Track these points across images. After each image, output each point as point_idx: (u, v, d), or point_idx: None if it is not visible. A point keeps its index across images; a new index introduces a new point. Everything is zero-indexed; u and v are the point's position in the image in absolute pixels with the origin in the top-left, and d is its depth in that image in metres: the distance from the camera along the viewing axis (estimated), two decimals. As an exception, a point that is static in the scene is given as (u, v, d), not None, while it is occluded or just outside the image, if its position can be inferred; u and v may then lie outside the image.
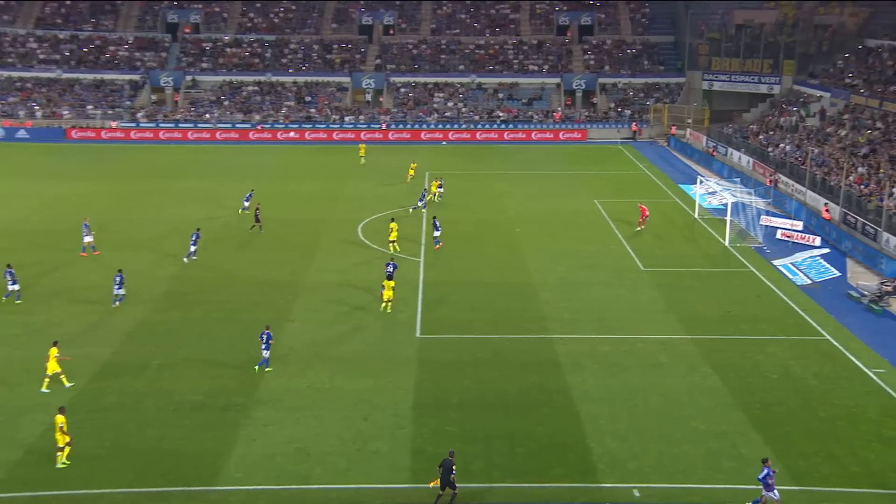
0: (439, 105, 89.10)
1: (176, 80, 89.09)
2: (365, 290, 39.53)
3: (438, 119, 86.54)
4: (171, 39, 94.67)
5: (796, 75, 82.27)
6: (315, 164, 71.18)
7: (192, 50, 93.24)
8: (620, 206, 55.91)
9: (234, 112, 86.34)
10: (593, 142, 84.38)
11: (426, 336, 34.30)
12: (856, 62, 74.95)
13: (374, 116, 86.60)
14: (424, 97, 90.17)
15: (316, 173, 66.90)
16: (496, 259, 44.61)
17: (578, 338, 34.17)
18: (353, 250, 45.96)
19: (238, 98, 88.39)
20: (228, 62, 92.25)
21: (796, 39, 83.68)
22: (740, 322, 35.99)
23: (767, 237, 48.91)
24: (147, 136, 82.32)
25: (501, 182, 63.84)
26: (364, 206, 55.72)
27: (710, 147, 75.17)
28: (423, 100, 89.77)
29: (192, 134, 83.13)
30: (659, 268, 43.42)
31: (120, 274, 37.49)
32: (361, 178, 64.74)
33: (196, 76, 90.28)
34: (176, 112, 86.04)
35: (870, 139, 59.84)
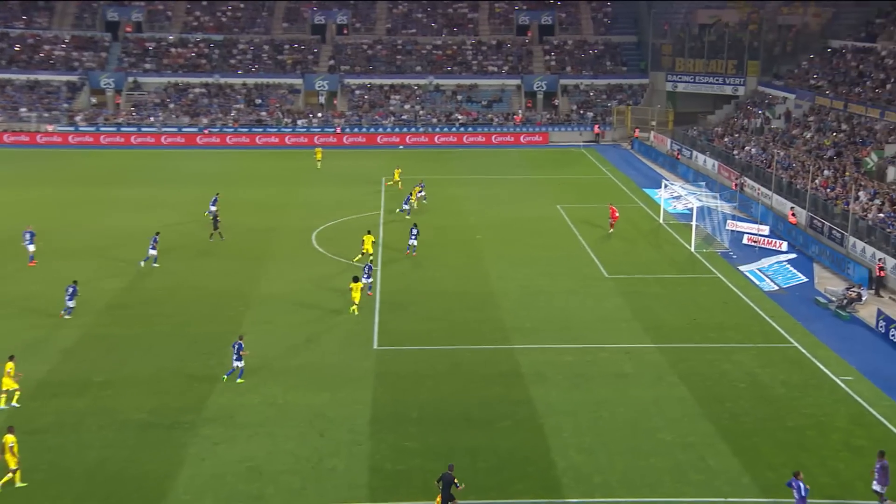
0: (396, 108, 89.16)
1: (117, 81, 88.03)
2: (319, 300, 39.35)
3: (395, 122, 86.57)
4: (111, 39, 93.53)
5: (761, 76, 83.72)
6: (266, 170, 70.81)
7: (134, 50, 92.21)
8: (584, 212, 56.30)
9: (181, 115, 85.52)
10: (555, 145, 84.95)
11: (383, 348, 34.23)
12: (820, 63, 76.45)
13: (328, 120, 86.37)
14: (380, 99, 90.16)
15: (267, 179, 66.50)
16: (456, 267, 44.67)
17: (541, 348, 34.32)
18: (306, 259, 45.74)
19: (184, 101, 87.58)
20: (173, 63, 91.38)
21: (760, 39, 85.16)
22: (707, 330, 36.43)
23: (734, 242, 49.60)
24: (87, 141, 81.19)
25: (461, 187, 63.98)
26: (318, 213, 55.50)
27: (675, 150, 76.11)
28: (378, 102, 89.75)
29: (136, 138, 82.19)
30: (624, 275, 43.80)
31: (73, 285, 37.11)
32: (315, 184, 64.47)
33: (139, 77, 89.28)
34: (118, 115, 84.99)
35: (835, 142, 61.05)
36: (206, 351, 33.64)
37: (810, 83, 73.65)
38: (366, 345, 34.46)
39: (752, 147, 67.32)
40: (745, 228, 51.45)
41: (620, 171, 71.16)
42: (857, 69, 69.60)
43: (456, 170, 71.82)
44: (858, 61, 70.79)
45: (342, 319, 37.06)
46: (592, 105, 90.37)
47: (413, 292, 40.73)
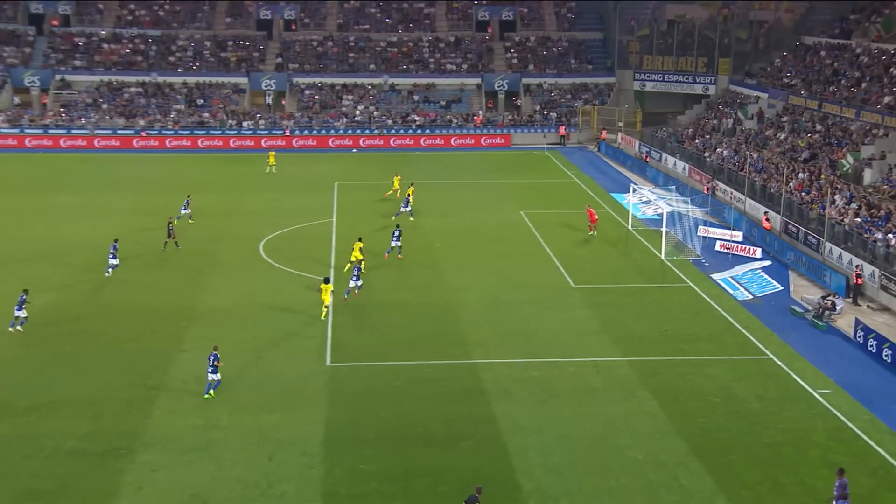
0: (348, 109, 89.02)
1: (43, 79, 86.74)
2: (268, 315, 39.10)
3: (348, 124, 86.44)
4: (35, 33, 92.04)
5: (732, 74, 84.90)
6: (209, 175, 70.30)
7: (61, 45, 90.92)
8: (549, 218, 56.60)
9: (115, 116, 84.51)
10: (518, 147, 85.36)
11: (337, 364, 34.09)
12: (793, 60, 77.68)
13: (276, 121, 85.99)
14: (332, 100, 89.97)
15: (210, 185, 65.98)
16: (414, 277, 44.65)
17: (505, 363, 34.40)
18: (254, 271, 45.46)
19: (119, 101, 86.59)
20: (106, 60, 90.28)
21: (731, 36, 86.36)
22: (679, 342, 36.77)
23: (706, 249, 50.17)
24: (9, 144, 79.95)
25: (419, 193, 64.02)
26: (266, 221, 55.19)
27: (644, 152, 76.87)
28: (330, 103, 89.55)
29: (65, 141, 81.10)
30: (591, 284, 44.08)
31: (23, 295, 36.90)
32: (262, 191, 64.11)
33: (67, 75, 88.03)
34: (44, 116, 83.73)
35: (810, 143, 62.05)
36: (144, 371, 33.24)
37: (783, 82, 74.83)
38: (318, 361, 34.28)
39: (723, 149, 68.22)
40: (717, 234, 52.03)
41: (587, 174, 71.66)
42: (832, 67, 70.83)
43: (413, 174, 71.86)
44: (833, 59, 72.05)
45: (292, 334, 36.85)
46: (556, 105, 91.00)
47: (369, 304, 40.61)
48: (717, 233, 52.28)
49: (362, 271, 42.21)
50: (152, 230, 51.17)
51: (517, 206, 59.60)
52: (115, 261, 44.04)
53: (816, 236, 48.51)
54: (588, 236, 52.46)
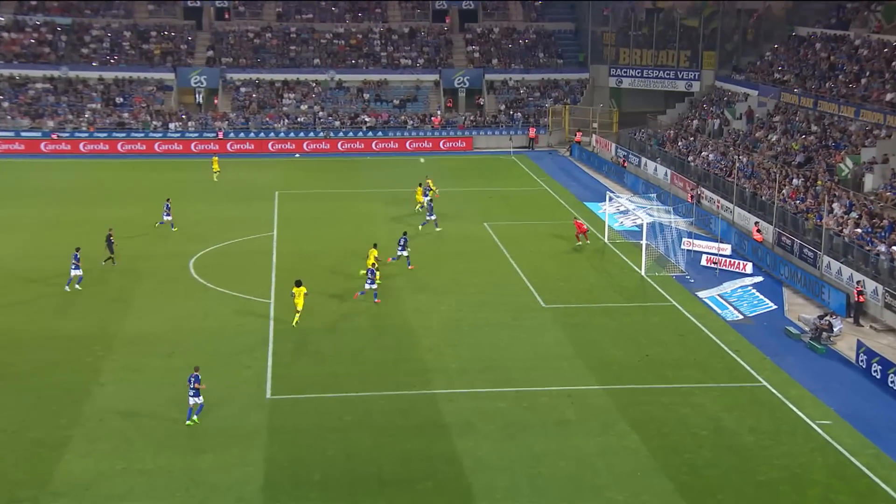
0: (290, 108, 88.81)
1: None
2: (199, 342, 38.82)
3: (289, 126, 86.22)
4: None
5: (718, 70, 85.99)
6: (131, 184, 69.84)
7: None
8: (516, 230, 56.81)
9: (18, 116, 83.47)
10: (481, 152, 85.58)
11: (279, 397, 33.89)
12: (786, 53, 78.75)
13: (207, 123, 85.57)
14: (271, 99, 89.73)
15: (132, 195, 65.50)
16: (365, 297, 44.56)
17: (468, 392, 34.40)
18: (183, 292, 45.16)
19: (23, 98, 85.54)
20: (6, 51, 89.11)
21: (717, 27, 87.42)
22: (662, 367, 37.01)
23: (691, 264, 50.60)
24: None
25: (369, 203, 63.93)
26: (197, 235, 54.84)
27: (621, 157, 77.46)
28: (269, 102, 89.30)
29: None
30: (564, 304, 44.28)
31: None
32: (193, 201, 63.72)
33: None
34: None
35: (804, 145, 62.90)
36: (55, 408, 32.81)
37: (775, 77, 75.85)
38: (256, 394, 34.04)
39: (709, 152, 68.96)
40: (703, 248, 52.50)
41: (558, 181, 72.01)
42: (828, 60, 71.86)
43: (363, 182, 71.75)
44: (829, 51, 73.12)
45: (227, 363, 36.60)
46: (524, 104, 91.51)
47: (314, 329, 40.48)
48: (703, 246, 52.74)
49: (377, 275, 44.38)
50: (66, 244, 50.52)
51: (481, 218, 59.72)
52: (77, 271, 44.95)
53: (813, 249, 49.13)
54: (575, 247, 53.01)
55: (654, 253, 51.81)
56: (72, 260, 45.22)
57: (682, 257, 50.89)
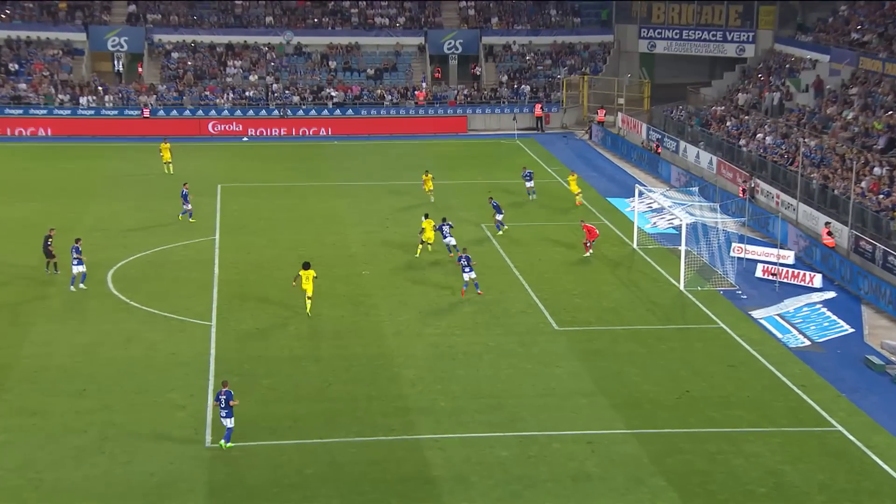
0: (235, 80, 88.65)
1: None
2: (120, 375, 38.62)
3: (235, 101, 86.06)
4: None
5: (779, 29, 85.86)
6: (29, 175, 69.74)
7: None
8: (522, 233, 56.76)
9: None
10: (477, 135, 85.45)
11: (221, 445, 33.69)
12: (866, 8, 78.34)
13: (129, 97, 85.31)
14: (211, 67, 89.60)
15: (32, 189, 65.44)
16: (332, 318, 44.43)
17: (462, 438, 34.22)
18: (99, 312, 45.02)
19: None
20: None
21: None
22: (707, 407, 36.83)
23: (743, 276, 50.47)
24: None
25: (336, 199, 63.73)
26: (117, 240, 54.86)
27: (654, 141, 77.38)
28: (209, 71, 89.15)
29: None
30: (582, 326, 44.17)
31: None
32: (112, 197, 63.65)
33: None
34: None
35: (889, 125, 62.78)
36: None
37: (852, 38, 75.66)
38: (193, 441, 33.82)
39: (766, 134, 68.90)
40: (758, 255, 52.39)
41: (575, 172, 71.86)
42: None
43: (328, 174, 71.55)
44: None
45: (156, 402, 36.37)
46: (532, 75, 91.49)
47: (267, 357, 40.34)
48: (759, 253, 52.63)
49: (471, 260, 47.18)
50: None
51: (477, 218, 59.56)
52: (80, 267, 47.20)
53: (897, 256, 49.08)
54: (582, 258, 52.62)
55: (697, 262, 51.69)
56: (72, 254, 47.25)
57: (731, 267, 50.76)
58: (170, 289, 47.46)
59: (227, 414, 33.18)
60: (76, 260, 47.25)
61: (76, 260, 47.25)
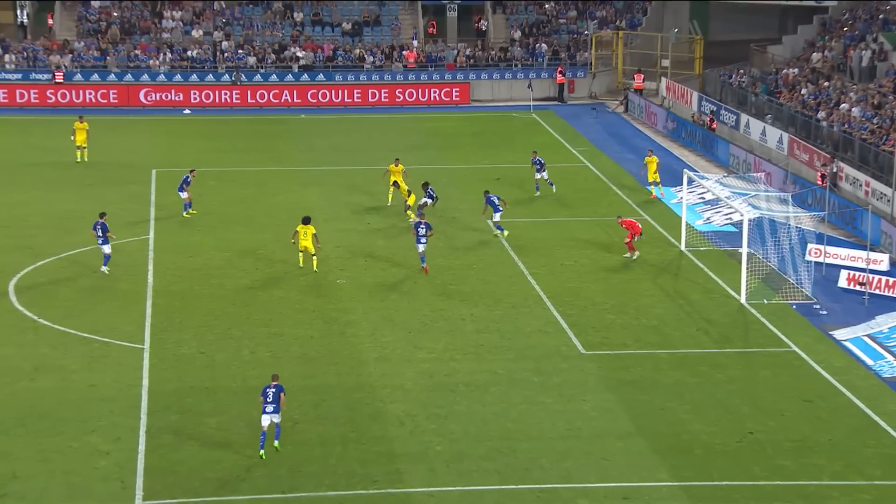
0: (174, 36, 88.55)
1: None
2: (24, 412, 38.55)
3: (173, 64, 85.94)
4: None
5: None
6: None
7: None
8: (539, 232, 56.97)
9: None
10: (483, 106, 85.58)
11: (154, 502, 33.60)
12: None
13: (37, 57, 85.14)
14: (143, 19, 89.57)
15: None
16: (298, 339, 44.52)
17: (464, 492, 34.21)
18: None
19: None
20: None
21: None
22: (776, 452, 36.80)
23: (822, 286, 50.49)
24: None
25: (302, 189, 63.78)
26: (22, 241, 55.14)
27: (707, 113, 77.37)
28: (140, 24, 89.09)
29: None
30: (615, 349, 44.24)
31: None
32: (18, 186, 63.84)
33: None
34: None
35: None
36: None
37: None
38: (120, 498, 33.76)
39: (853, 105, 68.88)
40: (842, 259, 52.34)
41: (605, 153, 71.92)
42: None
43: (293, 156, 71.61)
44: None
45: (67, 448, 36.24)
46: (552, 30, 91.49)
47: (215, 389, 40.41)
48: (843, 256, 52.59)
49: None
50: None
51: (481, 211, 59.54)
52: (106, 247, 50.45)
53: None
54: (624, 260, 52.81)
55: (762, 268, 51.68)
56: (97, 231, 50.57)
57: (807, 275, 50.74)
58: (89, 302, 47.44)
59: (275, 409, 35.73)
60: (101, 238, 50.09)
61: (101, 238, 50.09)
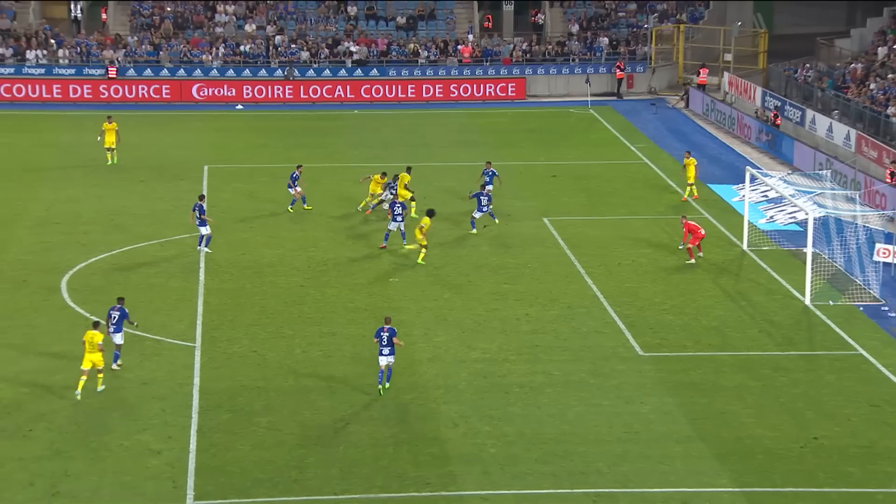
0: (227, 31, 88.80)
1: None
2: (73, 410, 38.79)
3: (226, 59, 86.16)
4: None
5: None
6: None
7: None
8: (596, 231, 56.98)
9: None
10: (539, 102, 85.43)
11: (205, 502, 33.68)
12: None
13: (90, 52, 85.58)
14: (196, 13, 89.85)
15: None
16: (352, 337, 44.65)
17: (518, 495, 34.15)
18: (48, 328, 45.42)
19: None
20: None
21: None
22: (842, 459, 36.57)
23: (891, 287, 50.22)
24: None
25: (357, 185, 63.74)
26: (74, 237, 55.35)
27: (772, 109, 77.00)
28: (193, 19, 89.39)
29: None
30: (674, 351, 44.19)
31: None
32: (67, 182, 64.11)
33: None
34: None
35: None
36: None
37: None
38: (171, 498, 33.87)
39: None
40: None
41: (665, 150, 71.69)
42: None
43: (346, 152, 71.73)
44: None
45: (118, 446, 36.45)
46: (611, 24, 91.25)
47: (267, 388, 40.52)
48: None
49: None
50: None
51: (538, 210, 59.56)
52: (205, 229, 52.90)
53: None
54: (686, 263, 52.75)
55: (828, 268, 51.43)
56: (195, 214, 52.81)
57: (875, 275, 50.46)
58: (142, 300, 47.46)
59: (390, 351, 39.32)
60: (199, 220, 52.46)
61: (199, 220, 52.46)
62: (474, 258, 52.96)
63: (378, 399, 39.94)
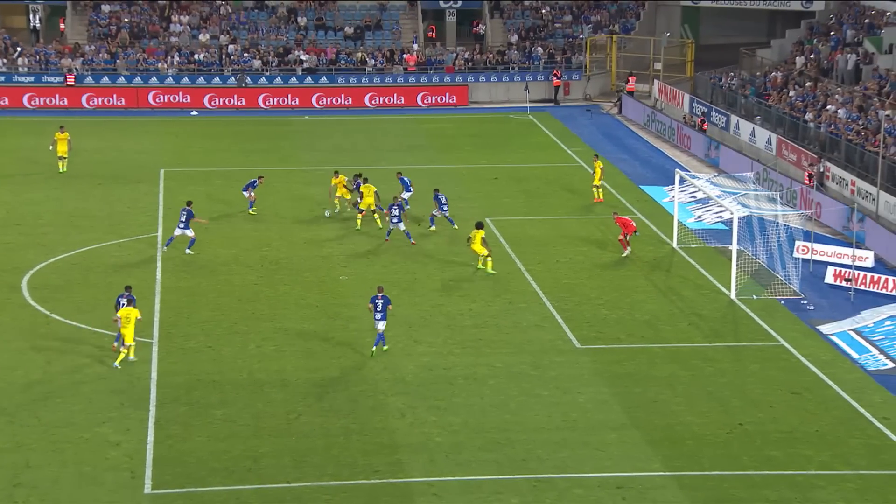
0: (182, 39, 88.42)
1: None
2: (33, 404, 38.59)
3: (181, 67, 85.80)
4: None
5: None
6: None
7: None
8: (535, 230, 57.02)
9: None
10: (481, 108, 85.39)
11: (163, 491, 33.58)
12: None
13: (49, 60, 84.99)
14: (151, 23, 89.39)
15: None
16: (303, 333, 44.53)
17: (463, 482, 34.18)
18: (9, 327, 45.21)
19: None
20: None
21: None
22: (765, 443, 36.77)
23: (809, 282, 50.43)
24: None
25: (309, 188, 63.71)
26: (35, 239, 55.11)
27: (698, 115, 77.24)
28: (148, 28, 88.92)
29: None
30: (609, 343, 44.26)
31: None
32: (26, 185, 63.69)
33: None
34: None
35: None
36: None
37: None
38: (129, 487, 33.74)
39: (839, 107, 68.71)
40: (829, 256, 52.28)
41: (601, 154, 71.78)
42: None
43: (297, 156, 71.52)
44: None
45: (78, 438, 36.29)
46: (548, 34, 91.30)
47: (222, 382, 40.40)
48: (830, 253, 52.54)
49: None
50: None
51: (480, 210, 59.50)
52: (188, 231, 52.30)
53: None
54: (620, 258, 52.98)
55: (752, 264, 51.65)
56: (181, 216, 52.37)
57: (795, 271, 50.69)
58: (100, 298, 47.19)
59: (382, 317, 41.67)
60: (184, 224, 52.08)
61: (184, 224, 52.08)
62: (421, 257, 52.94)
63: (329, 391, 39.91)
